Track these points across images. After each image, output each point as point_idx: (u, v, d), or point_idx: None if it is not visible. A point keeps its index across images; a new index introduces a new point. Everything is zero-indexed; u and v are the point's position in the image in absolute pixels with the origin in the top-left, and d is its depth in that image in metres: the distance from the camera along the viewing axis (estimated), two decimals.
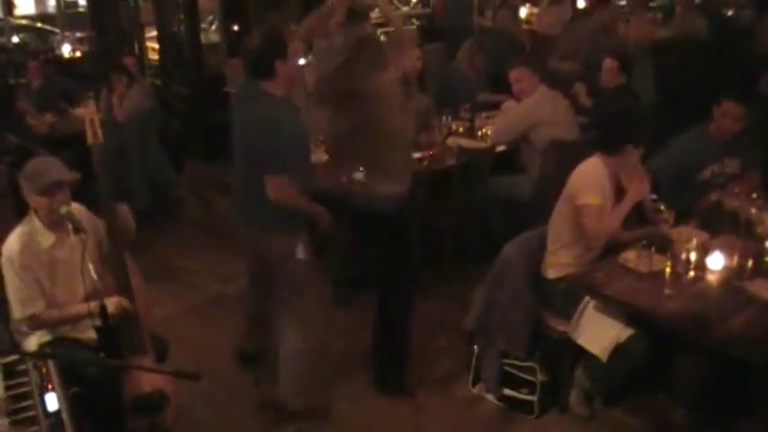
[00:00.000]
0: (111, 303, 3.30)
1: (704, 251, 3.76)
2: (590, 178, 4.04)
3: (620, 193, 4.08)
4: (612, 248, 4.06)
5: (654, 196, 4.06)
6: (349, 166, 4.25)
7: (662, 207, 3.99)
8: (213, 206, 7.64)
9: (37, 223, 3.53)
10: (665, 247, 3.81)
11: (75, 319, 3.51)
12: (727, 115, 4.59)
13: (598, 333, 3.80)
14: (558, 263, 4.11)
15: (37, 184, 3.43)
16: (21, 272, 3.44)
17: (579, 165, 4.11)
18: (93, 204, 3.59)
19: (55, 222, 3.50)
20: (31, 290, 3.45)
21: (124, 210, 3.61)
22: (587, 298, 3.87)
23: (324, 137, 4.83)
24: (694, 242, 3.77)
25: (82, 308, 3.36)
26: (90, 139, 3.47)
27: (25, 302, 3.45)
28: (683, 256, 3.73)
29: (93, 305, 3.17)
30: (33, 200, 3.48)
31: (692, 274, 3.72)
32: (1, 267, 3.50)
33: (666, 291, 3.62)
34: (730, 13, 9.54)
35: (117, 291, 3.41)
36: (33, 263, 3.48)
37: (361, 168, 4.17)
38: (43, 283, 3.49)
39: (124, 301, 3.39)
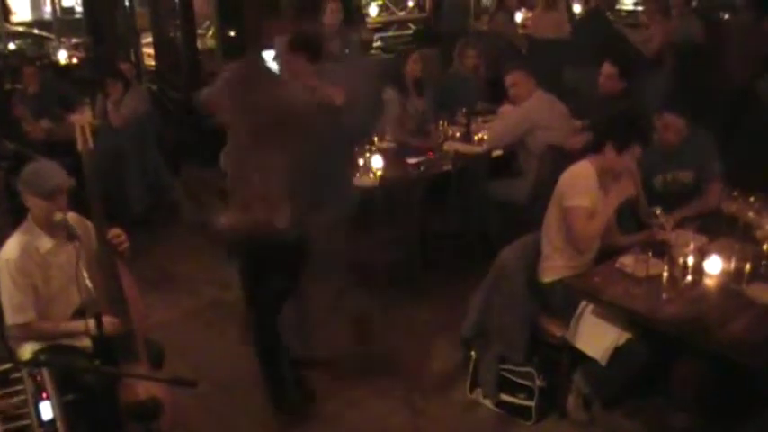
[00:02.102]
0: (107, 323, 3.28)
1: (702, 255, 3.76)
2: (578, 180, 4.03)
3: None
4: (609, 253, 4.05)
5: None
6: None
7: (658, 212, 3.97)
8: (210, 211, 7.62)
9: (36, 228, 3.52)
10: (662, 251, 3.80)
11: (70, 335, 3.50)
12: (669, 128, 4.52)
13: (597, 337, 3.79)
14: (553, 266, 4.10)
15: (40, 187, 3.42)
16: (17, 276, 3.42)
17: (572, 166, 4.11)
18: (84, 210, 3.57)
19: (53, 227, 3.48)
20: (24, 297, 3.43)
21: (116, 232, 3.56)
22: (585, 301, 3.86)
23: None
24: (692, 246, 3.76)
25: (77, 325, 3.34)
26: (80, 146, 3.46)
27: (16, 309, 3.43)
28: (681, 260, 3.71)
29: (90, 322, 3.15)
30: (33, 203, 3.47)
31: (689, 278, 3.70)
32: None
33: (664, 295, 3.61)
34: (726, 16, 9.54)
35: (108, 297, 3.39)
36: (31, 268, 3.46)
37: None
38: (39, 290, 3.48)
39: (118, 324, 3.36)
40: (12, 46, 11.65)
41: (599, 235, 4.04)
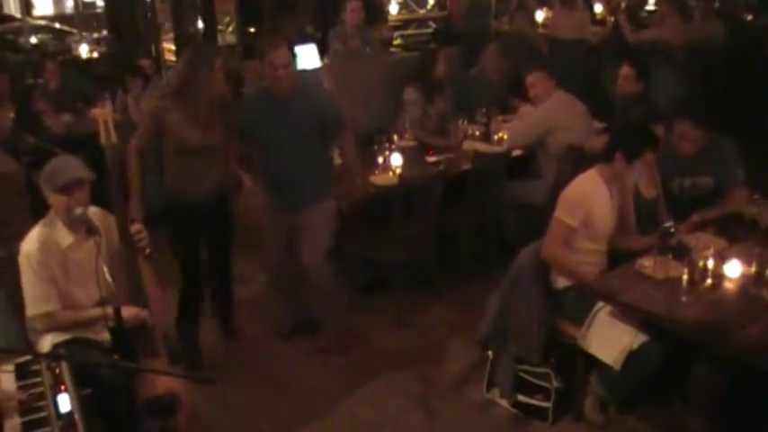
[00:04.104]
0: (127, 312, 3.30)
1: (722, 258, 3.73)
2: (577, 195, 4.02)
3: (635, 197, 4.08)
4: (627, 254, 4.03)
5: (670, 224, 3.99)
6: None
7: (672, 230, 3.94)
8: None
9: (58, 223, 3.53)
10: (682, 253, 3.78)
11: (90, 323, 3.52)
12: (684, 137, 4.43)
13: (610, 341, 3.77)
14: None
15: (55, 181, 3.43)
16: (38, 269, 3.44)
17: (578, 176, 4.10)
18: (106, 204, 3.59)
19: (74, 223, 3.50)
20: (46, 287, 3.45)
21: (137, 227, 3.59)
22: (598, 306, 3.85)
23: None
24: (712, 249, 3.74)
25: (97, 312, 3.36)
26: (103, 140, 3.48)
27: (40, 300, 3.45)
28: (701, 263, 3.70)
29: (108, 310, 3.16)
30: (52, 198, 3.49)
31: (709, 281, 3.68)
32: (18, 265, 3.50)
33: (683, 298, 3.59)
34: (749, 17, 9.47)
35: (129, 292, 3.40)
36: (51, 261, 3.48)
37: None
38: (59, 283, 3.50)
39: (141, 313, 3.38)
40: (33, 40, 11.72)
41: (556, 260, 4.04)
